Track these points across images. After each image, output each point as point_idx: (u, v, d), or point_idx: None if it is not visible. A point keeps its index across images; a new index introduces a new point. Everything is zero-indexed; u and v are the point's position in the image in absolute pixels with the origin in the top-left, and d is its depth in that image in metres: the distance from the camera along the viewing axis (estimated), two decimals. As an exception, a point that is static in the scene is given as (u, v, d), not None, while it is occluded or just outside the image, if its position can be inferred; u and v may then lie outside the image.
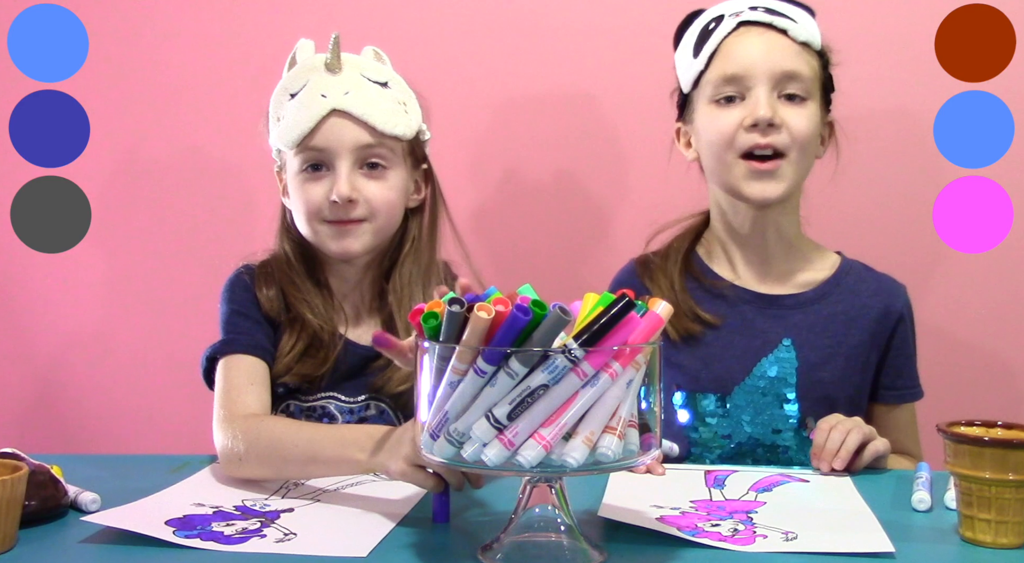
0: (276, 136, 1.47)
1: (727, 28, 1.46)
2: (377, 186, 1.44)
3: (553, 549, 1.00)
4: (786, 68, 1.43)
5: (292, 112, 1.44)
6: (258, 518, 1.13)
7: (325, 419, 1.48)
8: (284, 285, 1.49)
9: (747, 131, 1.43)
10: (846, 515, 1.15)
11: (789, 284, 1.54)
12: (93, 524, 1.09)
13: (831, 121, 1.54)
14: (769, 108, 1.42)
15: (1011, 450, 1.02)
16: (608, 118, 1.92)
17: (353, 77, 1.45)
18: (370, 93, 1.44)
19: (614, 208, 1.94)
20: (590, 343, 0.92)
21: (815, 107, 1.46)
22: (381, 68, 1.50)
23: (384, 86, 1.47)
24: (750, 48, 1.45)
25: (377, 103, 1.44)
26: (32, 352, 2.08)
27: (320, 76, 1.45)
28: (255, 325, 1.46)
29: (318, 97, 1.43)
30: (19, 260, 2.03)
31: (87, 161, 1.97)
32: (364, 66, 1.48)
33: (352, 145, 1.42)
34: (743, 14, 1.47)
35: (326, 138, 1.42)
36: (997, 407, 1.84)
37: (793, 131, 1.43)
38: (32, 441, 1.88)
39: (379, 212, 1.45)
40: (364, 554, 1.02)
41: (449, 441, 0.94)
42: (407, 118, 1.47)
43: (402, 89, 1.50)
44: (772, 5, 1.48)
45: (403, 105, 1.48)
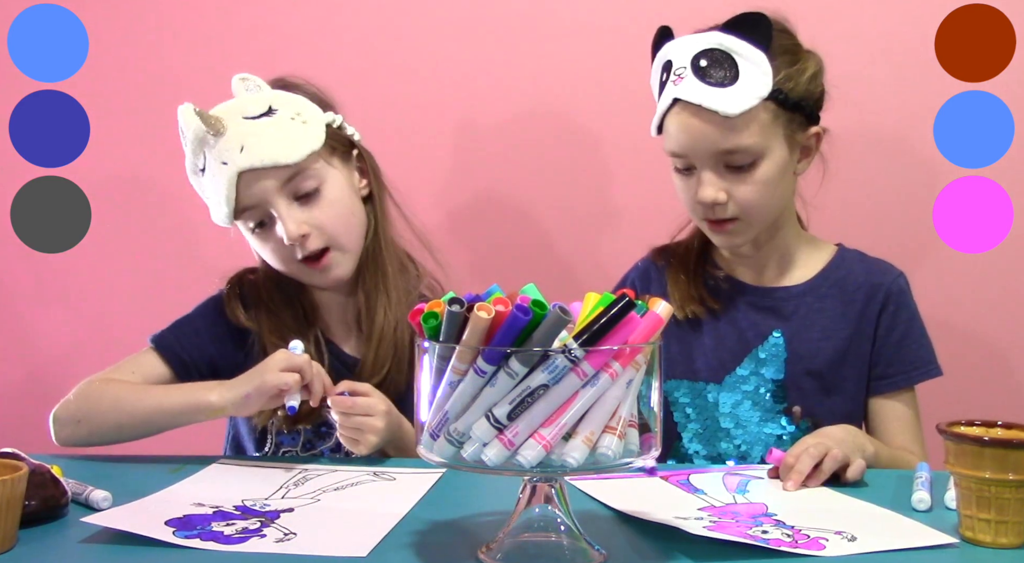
0: (214, 217, 1.48)
1: (666, 102, 1.43)
2: (319, 210, 1.44)
3: (553, 549, 1.00)
4: (721, 148, 1.41)
5: (210, 190, 1.45)
6: (258, 518, 1.12)
7: (323, 428, 1.51)
8: (265, 312, 1.51)
9: (699, 204, 1.45)
10: (863, 511, 1.15)
11: (784, 278, 1.55)
12: (93, 524, 1.09)
13: (817, 132, 1.49)
14: (711, 190, 1.43)
15: (1011, 450, 1.02)
16: (607, 119, 1.92)
17: (238, 128, 1.42)
18: (260, 135, 1.41)
19: (615, 208, 1.95)
20: (590, 343, 0.92)
21: (770, 159, 1.43)
22: (257, 98, 1.46)
23: (269, 114, 1.44)
24: (684, 132, 1.43)
25: (272, 140, 1.41)
26: (32, 352, 2.08)
27: (211, 144, 1.43)
28: (195, 338, 1.50)
29: (220, 167, 1.42)
30: (19, 260, 2.03)
31: (87, 161, 1.97)
32: (240, 107, 1.45)
33: (275, 188, 1.42)
34: (679, 83, 1.41)
35: (249, 196, 1.42)
36: (997, 406, 1.85)
37: (740, 201, 1.44)
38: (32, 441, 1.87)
39: (337, 233, 1.45)
40: (364, 554, 1.02)
41: (449, 441, 0.94)
42: (306, 130, 1.44)
43: (288, 102, 1.46)
44: (710, 59, 1.41)
45: (297, 119, 1.44)
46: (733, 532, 1.04)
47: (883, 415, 1.52)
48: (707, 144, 1.42)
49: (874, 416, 1.53)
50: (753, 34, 1.41)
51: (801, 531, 1.06)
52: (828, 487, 1.25)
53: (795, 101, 1.43)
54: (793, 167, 1.48)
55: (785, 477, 1.26)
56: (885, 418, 1.52)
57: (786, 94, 1.42)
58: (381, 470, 1.34)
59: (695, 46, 1.42)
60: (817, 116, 1.49)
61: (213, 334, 1.51)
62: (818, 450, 1.27)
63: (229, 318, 1.51)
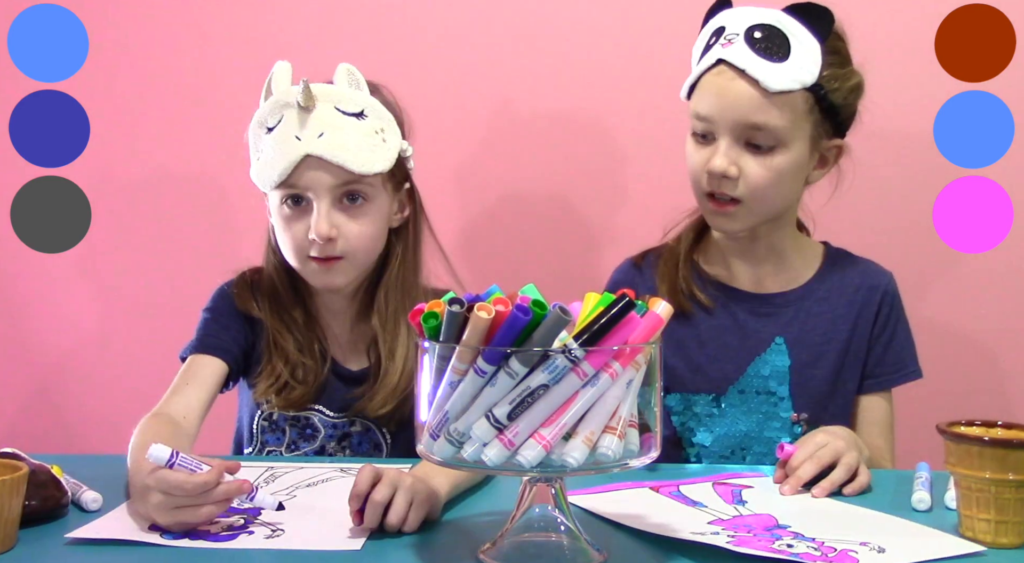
0: (255, 174, 1.46)
1: (710, 60, 1.42)
2: (356, 224, 1.44)
3: (553, 549, 1.00)
4: (751, 120, 1.39)
5: (268, 151, 1.43)
6: (240, 515, 1.13)
7: (308, 430, 1.51)
8: (270, 308, 1.51)
9: (708, 173, 1.43)
10: (876, 520, 1.14)
11: (779, 282, 1.54)
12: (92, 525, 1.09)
13: (839, 145, 1.48)
14: (725, 160, 1.40)
15: (1011, 450, 1.02)
16: (608, 119, 1.92)
17: (326, 114, 1.41)
18: (344, 131, 1.41)
19: (614, 209, 1.94)
20: (590, 343, 0.92)
21: (790, 152, 1.41)
22: (355, 96, 1.45)
23: (359, 117, 1.43)
24: (719, 94, 1.41)
25: (352, 142, 1.41)
26: (32, 352, 2.08)
27: (293, 113, 1.41)
28: (222, 328, 1.50)
29: (292, 139, 1.40)
30: (19, 260, 2.03)
31: (87, 161, 1.97)
32: (338, 97, 1.44)
33: (328, 186, 1.41)
34: (727, 47, 1.40)
35: (302, 179, 1.41)
36: (997, 407, 1.84)
37: (749, 181, 1.41)
38: (32, 441, 1.88)
39: (358, 250, 1.45)
40: (358, 547, 1.04)
41: (449, 441, 0.94)
42: (384, 149, 1.44)
43: (379, 114, 1.46)
44: (765, 33, 1.40)
45: (380, 134, 1.44)
46: (756, 547, 1.02)
47: (864, 415, 1.52)
48: (738, 112, 1.39)
49: (856, 415, 1.53)
50: (815, 23, 1.40)
51: (825, 543, 1.05)
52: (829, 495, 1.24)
53: (832, 104, 1.42)
54: (807, 171, 1.46)
55: (784, 479, 1.26)
56: (865, 418, 1.52)
57: (827, 93, 1.41)
58: (347, 466, 1.35)
59: (754, 18, 1.41)
60: (844, 130, 1.47)
61: (228, 321, 1.51)
62: (828, 455, 1.26)
63: (239, 308, 1.51)
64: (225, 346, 1.48)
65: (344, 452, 1.52)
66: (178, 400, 1.40)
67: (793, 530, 1.10)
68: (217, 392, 1.47)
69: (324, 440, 1.52)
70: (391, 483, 1.08)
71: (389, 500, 1.07)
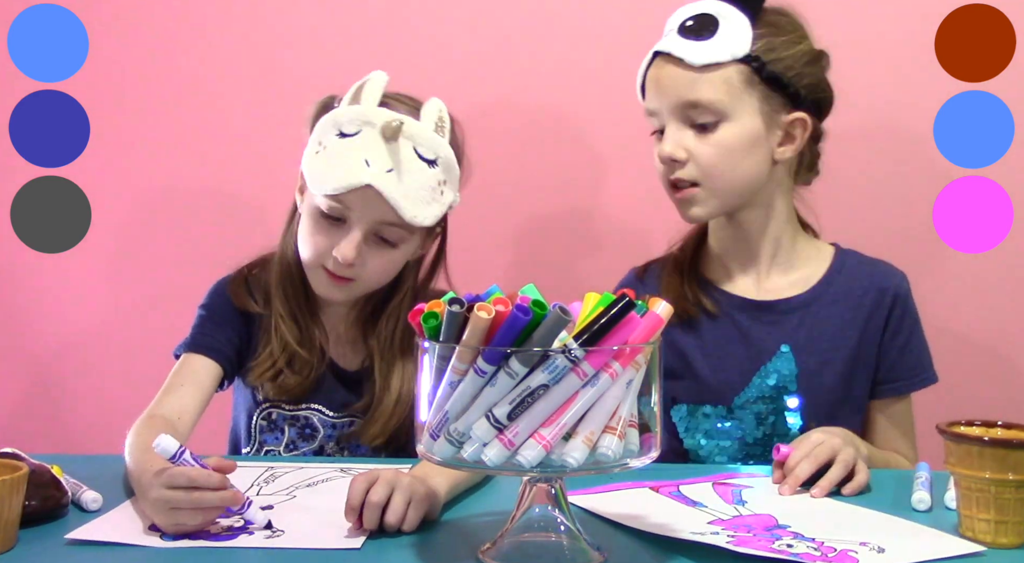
0: (309, 168, 1.42)
1: (647, 58, 1.47)
2: (380, 259, 1.44)
3: (553, 549, 1.00)
4: (685, 98, 1.41)
5: (333, 156, 1.39)
6: (240, 515, 1.13)
7: (308, 430, 1.51)
8: (277, 288, 1.50)
9: (661, 162, 1.45)
10: (876, 520, 1.14)
11: (783, 287, 1.51)
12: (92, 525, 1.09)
13: (800, 118, 1.43)
14: (670, 144, 1.43)
15: (1011, 450, 1.02)
16: (609, 119, 1.92)
17: (404, 152, 1.39)
18: (412, 175, 1.39)
19: (614, 208, 1.95)
20: (590, 343, 0.92)
21: (734, 125, 1.41)
22: (436, 142, 1.42)
23: (431, 164, 1.41)
24: (655, 83, 1.45)
25: (412, 190, 1.39)
26: (32, 352, 2.08)
27: (373, 134, 1.38)
28: (218, 328, 1.50)
29: (361, 161, 1.37)
30: (19, 260, 2.03)
31: (87, 161, 1.97)
32: (421, 140, 1.41)
33: (372, 219, 1.40)
34: (662, 40, 1.45)
35: (353, 203, 1.39)
36: (997, 406, 1.84)
37: (700, 161, 1.42)
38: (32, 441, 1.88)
39: (371, 280, 1.46)
40: (358, 546, 1.04)
41: (449, 441, 0.94)
42: (438, 205, 1.42)
43: (448, 166, 1.44)
44: (695, 20, 1.43)
45: (441, 186, 1.42)
46: (756, 547, 1.02)
47: (881, 421, 1.50)
48: (673, 94, 1.42)
49: (871, 421, 1.51)
50: (745, 2, 1.42)
51: (825, 543, 1.05)
52: (829, 496, 1.24)
53: (774, 74, 1.41)
54: (770, 148, 1.44)
55: (783, 480, 1.26)
56: (883, 424, 1.50)
57: (763, 63, 1.41)
58: (347, 466, 1.35)
59: (687, 11, 1.45)
60: (803, 101, 1.43)
61: (224, 320, 1.51)
62: (825, 453, 1.26)
63: (235, 304, 1.51)
64: (219, 346, 1.48)
65: (343, 452, 1.52)
66: (172, 401, 1.40)
67: (793, 530, 1.10)
68: (212, 392, 1.47)
69: (323, 440, 1.52)
70: (388, 483, 1.08)
71: (387, 500, 1.07)
